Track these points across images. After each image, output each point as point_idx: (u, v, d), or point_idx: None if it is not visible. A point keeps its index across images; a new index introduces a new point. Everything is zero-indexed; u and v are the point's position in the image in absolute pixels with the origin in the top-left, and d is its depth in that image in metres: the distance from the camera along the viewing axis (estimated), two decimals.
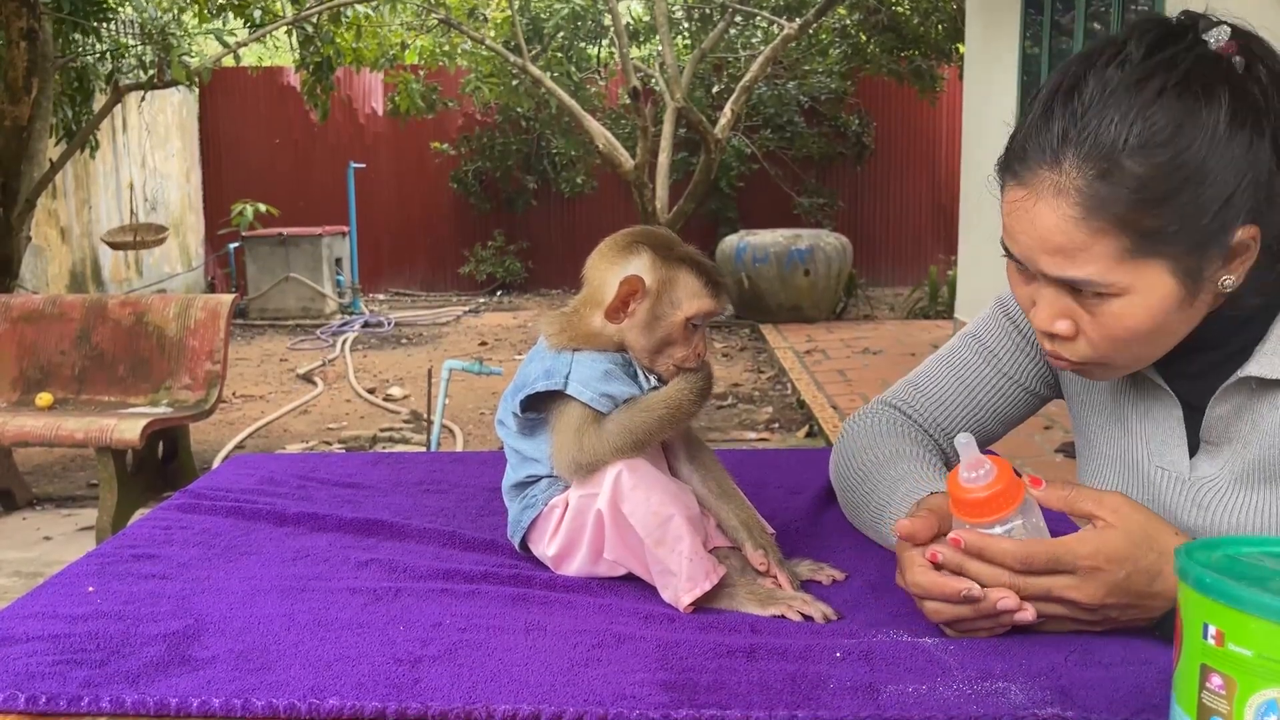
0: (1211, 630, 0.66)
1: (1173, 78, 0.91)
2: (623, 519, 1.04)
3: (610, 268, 1.07)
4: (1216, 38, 0.94)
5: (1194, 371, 1.06)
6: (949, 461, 1.24)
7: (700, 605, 1.02)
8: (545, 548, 1.11)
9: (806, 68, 11.71)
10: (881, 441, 1.24)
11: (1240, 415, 1.03)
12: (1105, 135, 0.91)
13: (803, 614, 1.00)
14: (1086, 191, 0.92)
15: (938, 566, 0.94)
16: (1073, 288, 0.97)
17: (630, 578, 1.09)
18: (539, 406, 1.09)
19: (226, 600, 1.06)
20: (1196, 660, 0.67)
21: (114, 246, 8.99)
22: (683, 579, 1.01)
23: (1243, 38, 0.95)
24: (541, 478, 1.11)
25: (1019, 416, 1.28)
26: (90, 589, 1.09)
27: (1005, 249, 1.01)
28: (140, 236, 8.83)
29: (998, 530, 0.93)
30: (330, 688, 0.86)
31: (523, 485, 1.13)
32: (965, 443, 0.95)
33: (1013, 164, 0.98)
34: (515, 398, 1.09)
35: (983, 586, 0.92)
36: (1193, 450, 1.08)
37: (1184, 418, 1.08)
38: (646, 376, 1.08)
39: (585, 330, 1.08)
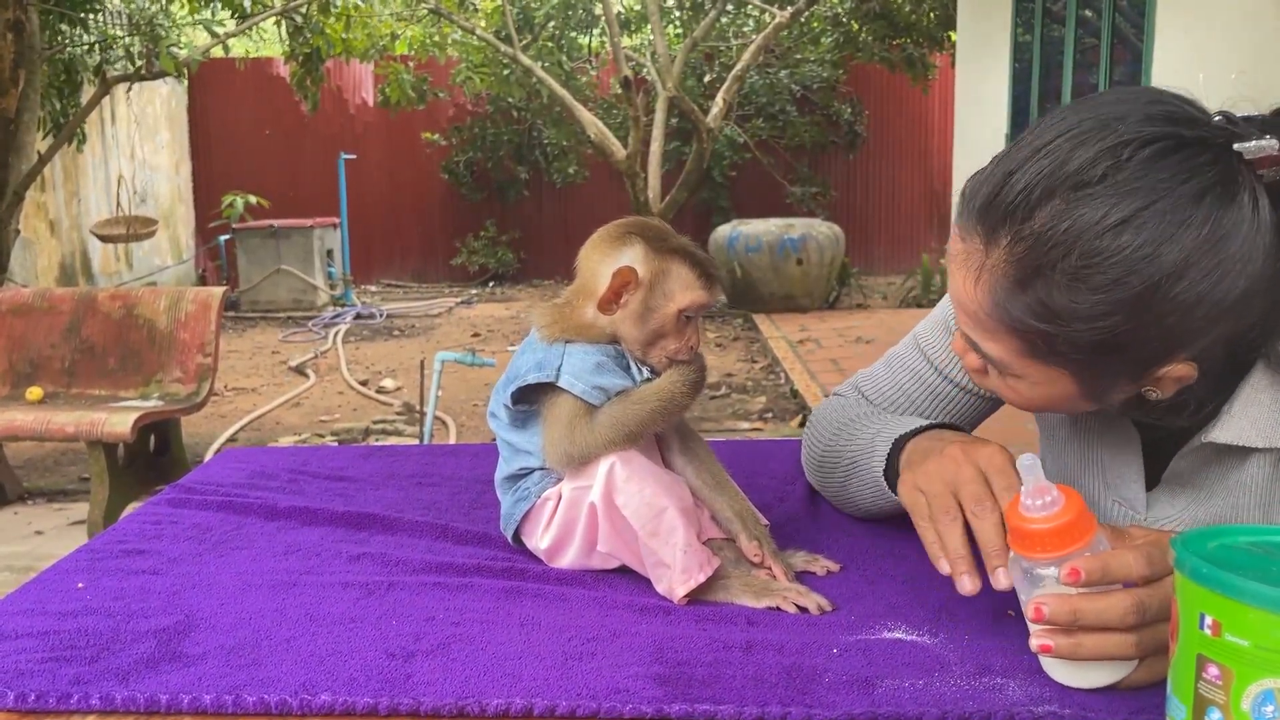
0: (1208, 620, 0.65)
1: (1157, 204, 0.82)
2: (616, 511, 1.03)
3: (603, 259, 1.06)
4: (1256, 150, 0.85)
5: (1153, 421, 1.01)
6: None
7: (695, 597, 1.01)
8: (538, 540, 1.11)
9: (798, 56, 11.70)
10: (849, 409, 1.25)
11: (1206, 467, 0.99)
12: (1044, 246, 0.84)
13: (798, 605, 0.99)
14: (998, 287, 0.88)
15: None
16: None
17: (624, 570, 1.08)
18: (531, 399, 1.08)
19: (217, 595, 1.05)
20: (1193, 650, 0.67)
21: (103, 239, 8.96)
22: (677, 571, 1.01)
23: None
24: (534, 470, 1.10)
25: (973, 419, 1.24)
26: (80, 585, 1.09)
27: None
28: (130, 229, 8.79)
29: (1053, 570, 0.81)
30: (322, 683, 0.86)
31: (515, 478, 1.12)
32: (1029, 464, 0.83)
33: (965, 205, 0.92)
34: (507, 390, 1.08)
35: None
36: (1151, 482, 1.04)
37: (1142, 450, 1.05)
38: (639, 368, 1.07)
39: (578, 322, 1.07)
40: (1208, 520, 0.99)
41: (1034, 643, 0.82)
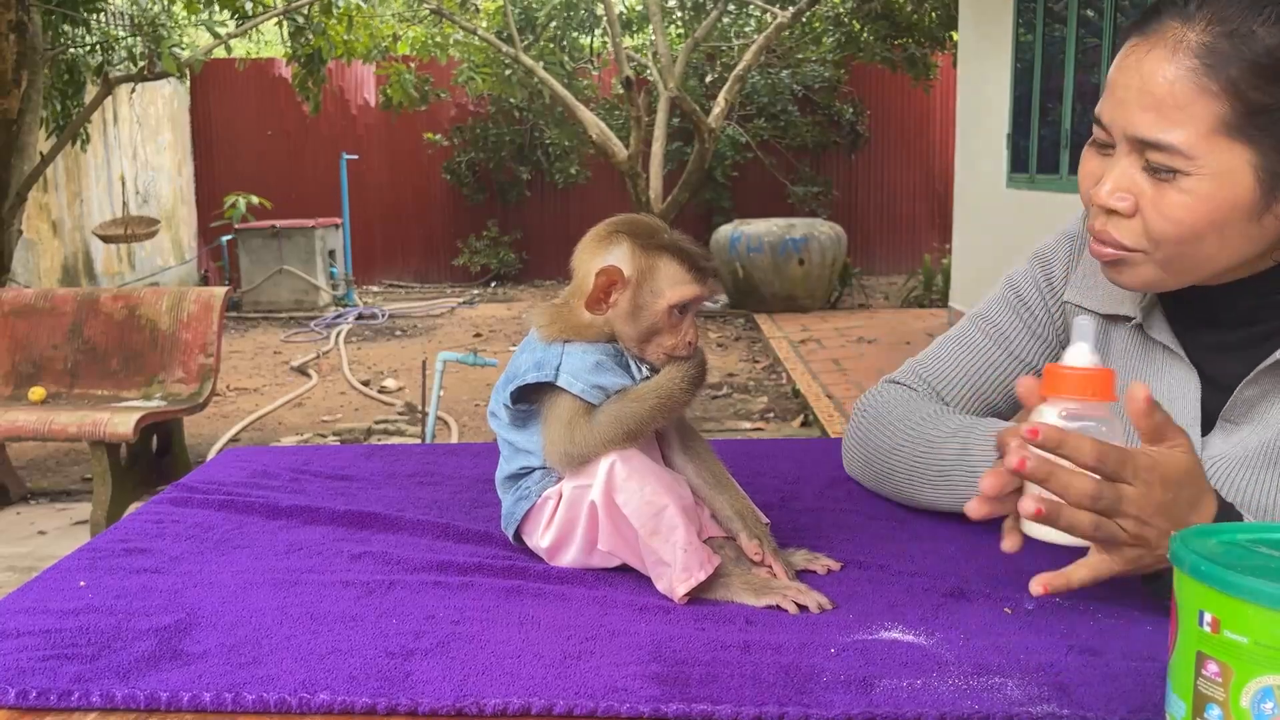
0: (1207, 617, 0.65)
1: None
2: (616, 510, 1.03)
3: (591, 259, 1.06)
4: None
5: (1216, 344, 1.05)
6: None
7: (695, 596, 1.01)
8: (539, 539, 1.11)
9: (800, 56, 11.71)
10: (914, 408, 1.25)
11: (1267, 397, 1.01)
12: (1245, 1, 0.92)
13: (798, 604, 0.99)
14: (1209, 46, 0.92)
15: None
16: (1148, 166, 0.96)
17: (624, 568, 1.08)
18: (530, 398, 1.08)
19: (218, 594, 1.05)
20: (1192, 647, 0.67)
21: (105, 240, 8.97)
22: (677, 569, 1.01)
23: None
24: (535, 469, 1.10)
25: None
26: (82, 583, 1.09)
27: (1095, 121, 1.01)
28: (130, 230, 8.80)
29: (1076, 426, 0.85)
30: (321, 682, 0.86)
31: (516, 477, 1.12)
32: (1085, 324, 0.88)
33: (1142, 21, 0.98)
34: (506, 389, 1.08)
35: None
36: (1206, 428, 1.06)
37: (1201, 393, 1.06)
38: (639, 366, 1.07)
39: (575, 321, 1.07)
40: (1262, 451, 1.00)
41: (1027, 503, 0.85)
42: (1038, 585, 0.90)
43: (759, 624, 0.97)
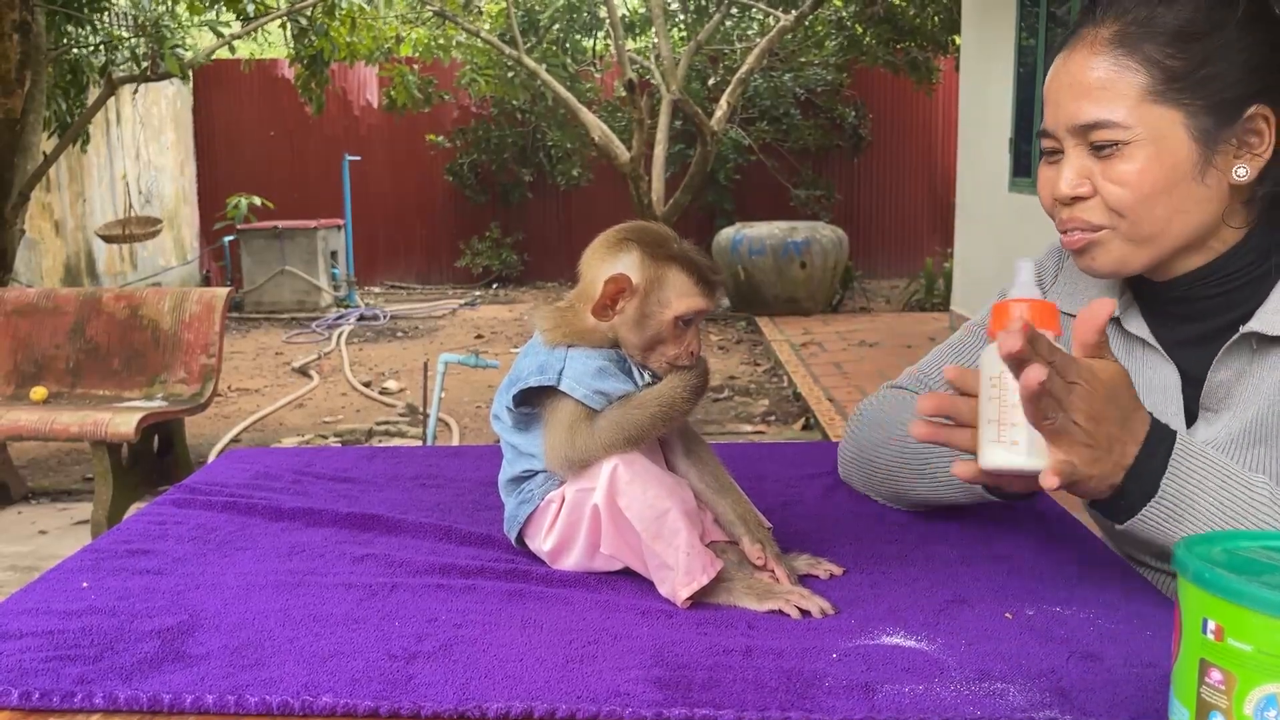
0: (1211, 625, 0.65)
1: None
2: (619, 513, 1.03)
3: (600, 265, 1.06)
4: None
5: (1191, 339, 1.11)
6: None
7: (697, 600, 1.01)
8: (541, 542, 1.11)
9: (803, 59, 11.70)
10: (905, 405, 1.29)
11: (1240, 379, 1.07)
12: None
13: (800, 609, 0.99)
14: (1120, 33, 1.04)
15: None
16: (1093, 147, 1.05)
17: (627, 572, 1.08)
18: (533, 402, 1.08)
19: (221, 595, 1.05)
20: (1196, 655, 0.67)
21: (108, 240, 8.98)
22: (680, 573, 1.01)
23: None
24: (537, 472, 1.10)
25: None
26: (84, 584, 1.09)
27: (1041, 134, 1.12)
28: (129, 230, 8.82)
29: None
30: (324, 685, 0.86)
31: (519, 480, 1.12)
32: (1025, 265, 0.95)
33: (1062, 42, 1.11)
34: (509, 392, 1.08)
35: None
36: (1189, 422, 1.11)
37: (1182, 389, 1.12)
38: (641, 373, 1.08)
39: (579, 326, 1.07)
40: (1246, 430, 1.05)
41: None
42: (1050, 477, 0.91)
43: (761, 629, 0.97)
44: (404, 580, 1.08)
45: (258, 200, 9.88)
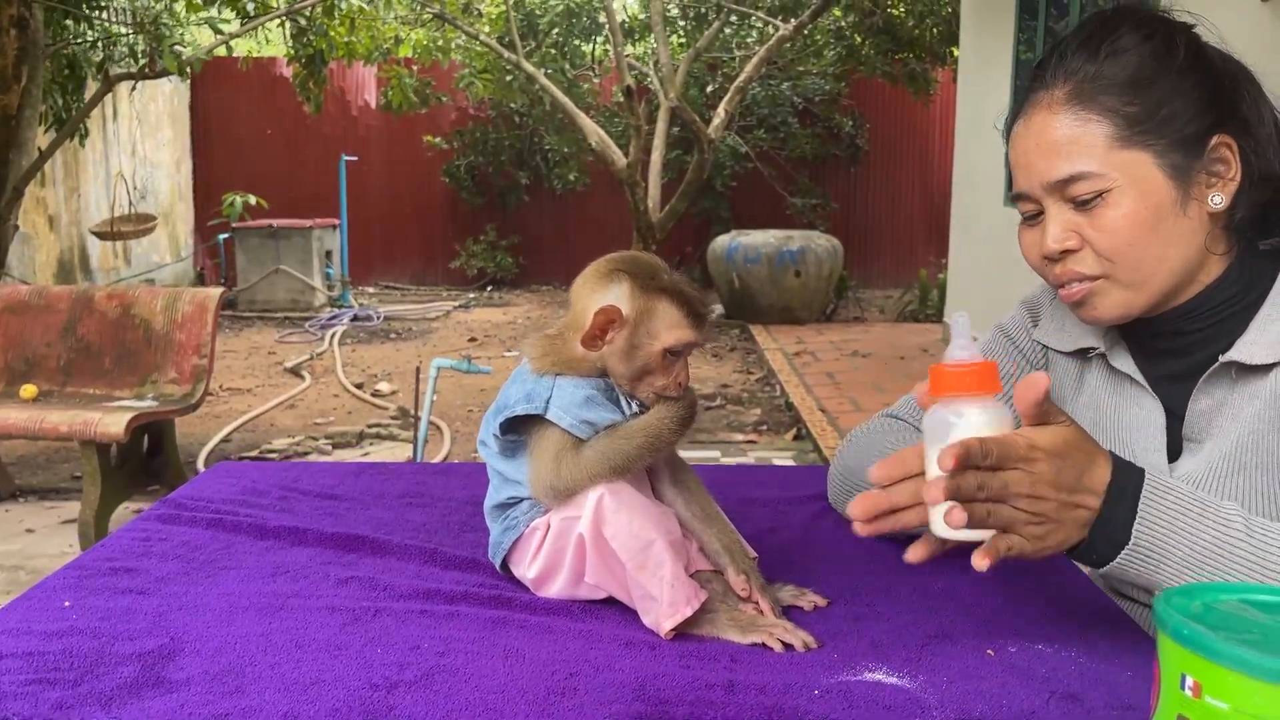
0: (1189, 681, 0.66)
1: (1139, 27, 1.08)
2: (604, 542, 1.03)
3: (590, 295, 1.06)
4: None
5: (1176, 373, 1.13)
6: None
7: (681, 631, 1.01)
8: (526, 570, 1.11)
9: (801, 68, 11.71)
10: (893, 432, 1.31)
11: (1221, 409, 1.08)
12: (1086, 52, 1.07)
13: (784, 642, 0.99)
14: (1073, 91, 1.07)
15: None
16: (1074, 201, 1.07)
17: (611, 601, 1.08)
18: (520, 429, 1.08)
19: (203, 618, 1.05)
20: (1174, 709, 0.67)
21: (102, 237, 8.96)
22: (664, 604, 1.01)
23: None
24: (523, 499, 1.10)
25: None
26: (67, 603, 1.09)
27: (1016, 198, 1.13)
28: (117, 227, 8.80)
29: (964, 421, 0.89)
30: (304, 714, 0.86)
31: (504, 506, 1.12)
32: (960, 320, 0.92)
33: (1016, 110, 1.13)
34: (496, 419, 1.08)
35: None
36: (1173, 456, 1.13)
37: (1166, 425, 1.14)
38: (629, 402, 1.08)
39: (568, 355, 1.07)
40: (1226, 458, 1.06)
41: (956, 513, 0.88)
42: (980, 559, 0.90)
43: (744, 662, 0.97)
44: (388, 605, 1.08)
45: (253, 199, 9.85)
